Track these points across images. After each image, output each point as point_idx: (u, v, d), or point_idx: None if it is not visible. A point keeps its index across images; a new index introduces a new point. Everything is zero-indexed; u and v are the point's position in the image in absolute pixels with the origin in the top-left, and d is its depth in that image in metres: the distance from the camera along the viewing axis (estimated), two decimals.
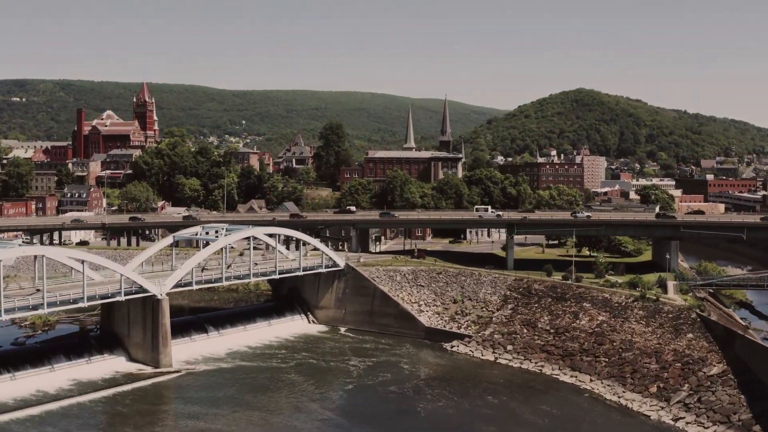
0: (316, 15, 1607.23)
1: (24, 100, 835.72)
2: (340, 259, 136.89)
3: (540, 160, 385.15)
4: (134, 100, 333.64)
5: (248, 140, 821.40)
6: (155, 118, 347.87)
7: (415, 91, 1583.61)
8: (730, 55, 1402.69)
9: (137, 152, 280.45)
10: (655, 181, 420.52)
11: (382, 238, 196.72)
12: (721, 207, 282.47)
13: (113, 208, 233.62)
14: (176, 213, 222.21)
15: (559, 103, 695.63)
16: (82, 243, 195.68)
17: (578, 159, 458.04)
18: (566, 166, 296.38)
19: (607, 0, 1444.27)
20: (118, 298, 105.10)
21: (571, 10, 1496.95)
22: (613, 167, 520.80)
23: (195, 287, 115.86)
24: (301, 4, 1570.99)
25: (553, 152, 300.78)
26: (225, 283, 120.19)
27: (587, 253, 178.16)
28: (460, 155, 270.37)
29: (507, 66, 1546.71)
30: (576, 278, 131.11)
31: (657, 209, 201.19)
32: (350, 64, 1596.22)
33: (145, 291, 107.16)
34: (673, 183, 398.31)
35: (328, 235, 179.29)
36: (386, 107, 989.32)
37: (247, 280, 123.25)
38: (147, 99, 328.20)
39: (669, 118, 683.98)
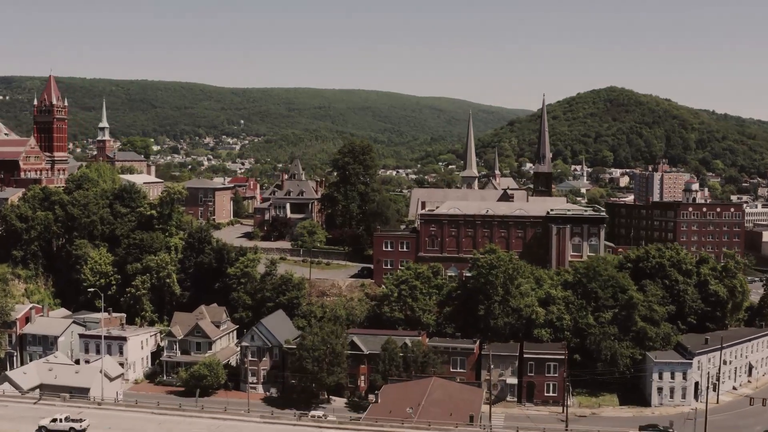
0: (318, 9, 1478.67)
1: (8, 98, 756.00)
2: None
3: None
4: (34, 103, 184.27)
5: (246, 141, 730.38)
6: (75, 125, 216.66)
7: (422, 90, 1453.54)
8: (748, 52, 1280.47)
9: (16, 195, 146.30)
10: (760, 207, 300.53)
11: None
12: None
13: None
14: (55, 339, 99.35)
15: (591, 103, 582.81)
16: None
17: (658, 176, 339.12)
18: (718, 209, 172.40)
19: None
20: None
21: (590, 4, 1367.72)
22: None
23: None
24: None
25: (695, 185, 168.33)
26: None
27: None
28: (602, 212, 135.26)
29: (521, 62, 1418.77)
30: None
31: None
32: (354, 60, 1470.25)
33: None
34: None
35: None
36: (392, 106, 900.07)
37: None
38: (55, 102, 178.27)
39: (716, 121, 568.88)
